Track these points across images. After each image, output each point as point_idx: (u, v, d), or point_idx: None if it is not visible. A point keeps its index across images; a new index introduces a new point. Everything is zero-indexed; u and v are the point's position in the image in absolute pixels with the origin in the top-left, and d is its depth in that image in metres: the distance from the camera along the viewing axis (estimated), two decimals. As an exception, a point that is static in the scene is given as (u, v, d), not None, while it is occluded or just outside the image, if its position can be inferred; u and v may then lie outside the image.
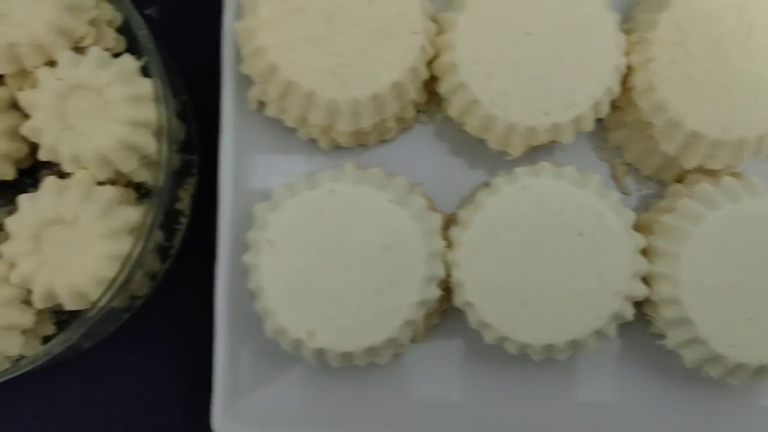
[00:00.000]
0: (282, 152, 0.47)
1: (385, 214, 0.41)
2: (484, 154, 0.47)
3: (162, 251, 0.47)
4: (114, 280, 0.42)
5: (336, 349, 0.41)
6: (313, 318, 0.41)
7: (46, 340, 0.45)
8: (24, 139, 0.45)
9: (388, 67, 0.42)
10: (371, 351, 0.42)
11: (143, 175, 0.46)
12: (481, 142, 0.46)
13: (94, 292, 0.43)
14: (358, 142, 0.46)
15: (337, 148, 0.47)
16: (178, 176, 0.49)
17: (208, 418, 0.45)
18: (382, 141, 0.48)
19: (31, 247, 0.42)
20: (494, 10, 0.43)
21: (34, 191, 0.46)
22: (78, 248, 0.42)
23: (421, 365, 0.47)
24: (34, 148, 0.46)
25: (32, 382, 0.46)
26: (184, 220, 0.50)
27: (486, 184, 0.47)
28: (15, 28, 0.42)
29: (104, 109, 0.42)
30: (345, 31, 0.41)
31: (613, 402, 0.48)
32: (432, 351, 0.47)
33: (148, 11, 0.51)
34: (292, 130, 0.47)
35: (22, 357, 0.44)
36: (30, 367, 0.43)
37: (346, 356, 0.42)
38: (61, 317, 0.47)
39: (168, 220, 0.47)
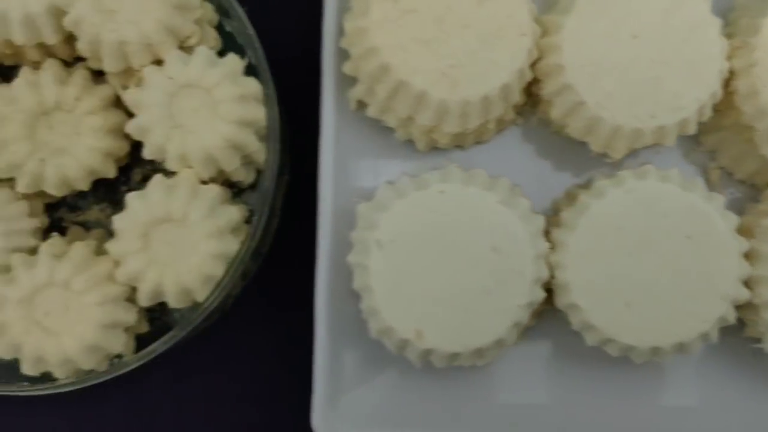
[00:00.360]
0: (378, 153, 0.47)
1: (493, 215, 0.42)
2: (576, 156, 0.47)
3: (255, 250, 0.47)
4: (222, 279, 0.42)
5: (444, 349, 0.41)
6: (422, 318, 0.41)
7: (138, 338, 0.45)
8: (125, 137, 0.45)
9: (497, 68, 0.42)
10: (478, 352, 0.42)
11: (240, 174, 0.46)
12: (572, 144, 0.46)
13: (200, 291, 0.43)
14: (455, 144, 0.46)
15: (433, 149, 0.47)
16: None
17: (301, 419, 0.45)
18: (477, 142, 0.48)
19: (140, 245, 0.42)
20: (601, 13, 0.43)
21: (128, 189, 0.46)
22: (186, 247, 0.42)
23: (515, 367, 0.47)
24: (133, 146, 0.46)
25: (123, 381, 0.46)
26: (274, 220, 0.50)
27: (583, 186, 0.47)
28: (126, 26, 0.42)
29: (212, 109, 0.42)
30: (455, 33, 0.41)
31: (701, 406, 0.47)
32: (525, 353, 0.47)
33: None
34: (389, 131, 0.47)
35: (118, 355, 0.44)
36: (134, 366, 0.43)
37: (453, 357, 0.42)
38: (153, 315, 0.47)
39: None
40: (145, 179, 0.48)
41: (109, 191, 0.49)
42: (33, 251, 0.44)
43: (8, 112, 0.42)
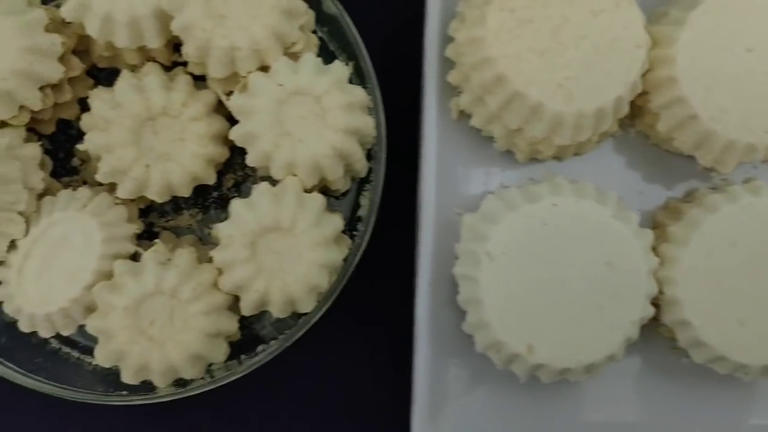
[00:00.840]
0: (477, 163, 0.47)
1: (607, 229, 0.41)
2: (672, 169, 0.47)
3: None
4: (331, 289, 0.42)
5: (555, 365, 0.41)
6: (533, 333, 0.41)
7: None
8: (226, 143, 0.45)
9: (612, 81, 0.41)
10: (589, 368, 0.41)
11: (339, 183, 0.45)
12: (670, 157, 0.46)
13: (305, 301, 0.42)
14: (557, 155, 0.46)
15: (532, 159, 0.47)
16: (359, 183, 0.49)
17: (401, 428, 0.45)
18: (575, 153, 0.47)
19: (248, 253, 0.41)
20: (716, 26, 0.42)
21: (219, 195, 0.46)
22: (292, 256, 0.42)
23: (607, 383, 0.46)
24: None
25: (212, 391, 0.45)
26: (361, 227, 0.49)
27: (686, 200, 0.46)
28: (236, 32, 0.41)
29: (321, 117, 0.42)
30: (571, 44, 0.41)
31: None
32: (617, 369, 0.46)
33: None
34: (487, 141, 0.46)
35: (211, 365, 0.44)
36: (239, 375, 0.42)
37: (563, 372, 0.41)
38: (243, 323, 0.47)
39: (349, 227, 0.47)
40: (236, 185, 0.48)
41: (199, 196, 0.49)
42: (131, 258, 0.44)
43: (114, 117, 0.41)
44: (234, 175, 0.49)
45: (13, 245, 0.43)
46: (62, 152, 0.49)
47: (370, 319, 0.49)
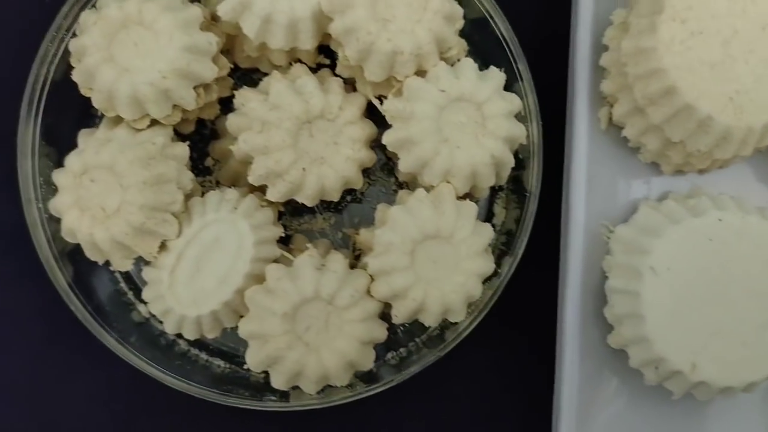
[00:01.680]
0: (620, 174, 0.46)
1: (774, 247, 0.40)
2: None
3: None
4: (486, 300, 0.41)
5: (717, 383, 0.40)
6: (698, 350, 0.40)
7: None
8: (372, 148, 0.44)
9: (783, 95, 0.40)
10: (750, 386, 0.40)
11: (485, 191, 0.45)
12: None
13: (459, 311, 0.42)
14: (700, 169, 0.45)
15: (678, 172, 0.46)
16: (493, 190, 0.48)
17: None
18: (721, 166, 0.46)
19: (408, 261, 0.40)
20: None
21: (352, 199, 0.45)
22: (449, 265, 0.41)
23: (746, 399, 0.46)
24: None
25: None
26: (501, 239, 0.48)
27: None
28: (400, 36, 0.41)
29: (481, 124, 0.41)
30: (741, 57, 0.40)
31: None
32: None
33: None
34: (630, 152, 0.46)
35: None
36: (389, 386, 0.42)
37: (724, 390, 0.41)
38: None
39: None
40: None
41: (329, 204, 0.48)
42: (275, 261, 0.43)
43: (273, 119, 0.41)
44: (369, 178, 0.48)
45: (163, 246, 0.42)
46: (195, 152, 0.48)
47: (511, 332, 0.48)
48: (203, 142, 0.48)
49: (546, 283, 0.46)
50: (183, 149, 0.43)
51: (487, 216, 0.49)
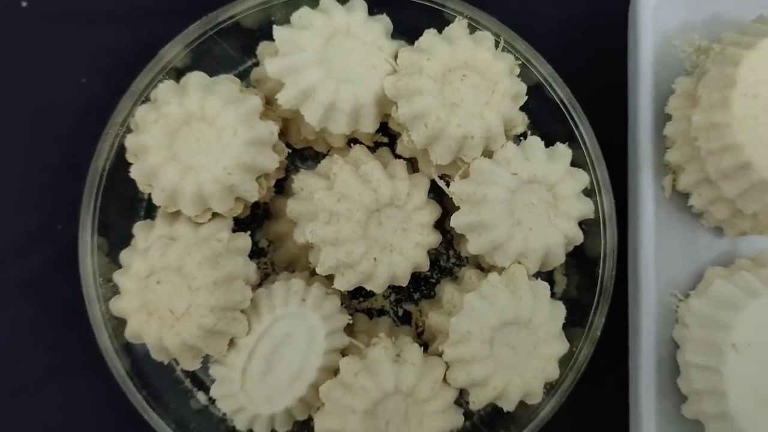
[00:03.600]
0: (686, 240, 0.46)
1: None
2: None
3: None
4: (569, 382, 0.41)
5: (799, 458, 0.40)
6: (783, 425, 0.40)
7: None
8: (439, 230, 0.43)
9: None
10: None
11: (551, 267, 0.44)
12: None
13: (538, 394, 0.41)
14: (762, 230, 0.45)
15: (740, 234, 0.46)
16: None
17: None
18: (779, 229, 0.46)
19: (487, 350, 0.40)
20: None
21: (454, 284, 0.45)
22: (527, 349, 0.40)
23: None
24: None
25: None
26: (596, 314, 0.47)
27: None
28: (470, 120, 0.40)
29: (553, 205, 0.41)
30: (813, 128, 0.40)
31: None
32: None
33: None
34: (693, 217, 0.45)
35: None
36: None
37: (805, 465, 0.40)
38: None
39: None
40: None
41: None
42: (344, 350, 0.42)
43: (343, 210, 0.40)
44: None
45: (232, 343, 0.41)
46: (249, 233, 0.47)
47: (583, 405, 0.48)
48: (256, 222, 0.47)
49: (616, 357, 0.45)
50: (246, 241, 0.42)
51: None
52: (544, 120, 0.46)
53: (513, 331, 0.40)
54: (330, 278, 0.42)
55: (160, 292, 0.39)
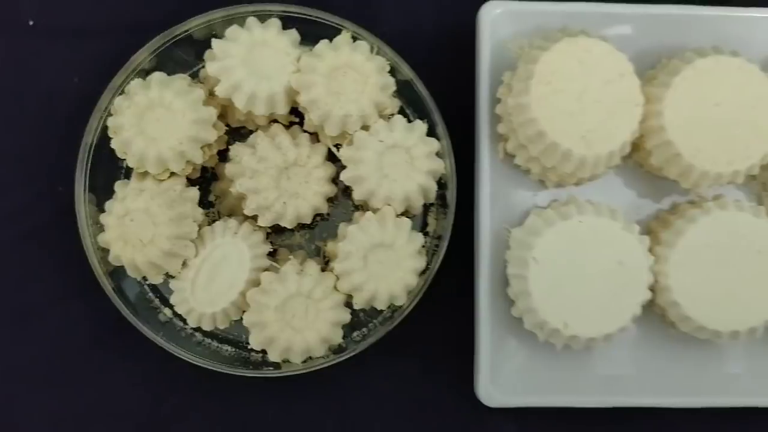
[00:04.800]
0: (517, 190, 0.63)
1: (619, 238, 0.58)
2: (659, 190, 0.63)
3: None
4: (419, 287, 0.58)
5: (583, 336, 0.57)
6: (568, 314, 0.57)
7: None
8: (334, 183, 0.61)
9: (619, 131, 0.57)
10: (607, 337, 0.58)
11: (418, 209, 0.61)
12: (658, 180, 0.62)
13: (402, 297, 0.58)
14: (577, 182, 0.62)
15: (558, 185, 0.63)
16: (427, 206, 0.65)
17: (466, 390, 0.61)
18: (591, 180, 0.64)
19: (362, 264, 0.57)
20: (692, 86, 0.59)
21: (321, 219, 0.62)
22: (392, 264, 0.58)
23: (617, 346, 0.63)
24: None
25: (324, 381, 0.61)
26: (429, 241, 0.65)
27: (671, 212, 0.63)
28: (348, 104, 0.57)
29: (410, 163, 0.58)
30: (590, 106, 0.57)
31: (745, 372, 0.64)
32: (622, 335, 0.63)
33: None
34: (524, 174, 0.63)
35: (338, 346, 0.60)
36: (356, 353, 0.59)
37: (590, 341, 0.58)
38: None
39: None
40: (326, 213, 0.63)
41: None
42: (267, 270, 0.60)
43: (260, 168, 0.57)
44: (332, 203, 0.65)
45: (185, 264, 0.58)
46: (201, 191, 0.64)
47: (442, 309, 0.65)
48: (206, 183, 0.65)
49: (467, 273, 0.63)
50: (195, 193, 0.59)
51: (423, 225, 0.65)
52: (419, 107, 0.63)
53: (381, 251, 0.58)
54: (256, 219, 0.60)
55: (133, 226, 0.57)
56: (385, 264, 0.57)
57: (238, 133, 0.63)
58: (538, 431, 0.66)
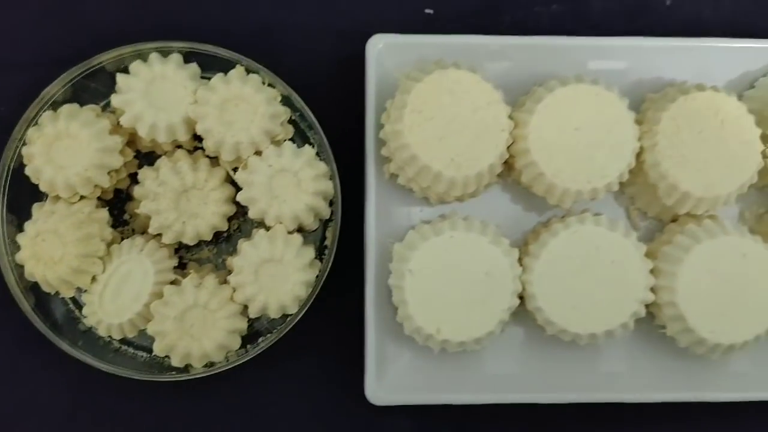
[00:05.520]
0: (403, 207, 0.69)
1: (486, 251, 0.64)
2: (538, 205, 0.70)
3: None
4: (309, 297, 0.64)
5: (455, 340, 0.64)
6: (440, 320, 0.63)
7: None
8: (234, 203, 0.67)
9: (486, 154, 0.64)
10: (477, 341, 0.64)
11: (311, 225, 0.68)
12: (536, 197, 0.69)
13: (292, 306, 0.65)
14: (458, 199, 0.69)
15: (441, 202, 0.69)
16: (325, 222, 0.71)
17: (357, 391, 0.67)
18: (472, 196, 0.70)
19: (253, 277, 0.63)
20: (553, 112, 0.65)
21: (227, 235, 0.68)
22: (282, 277, 0.64)
23: (497, 348, 0.70)
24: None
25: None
26: (326, 254, 0.71)
27: (544, 225, 0.69)
28: (240, 133, 0.63)
29: (298, 185, 0.64)
30: (459, 132, 0.63)
31: (624, 369, 0.70)
32: (504, 339, 0.69)
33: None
34: (409, 192, 0.69)
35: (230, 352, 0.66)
36: (251, 357, 0.65)
37: (460, 344, 0.64)
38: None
39: (320, 253, 0.69)
40: (238, 228, 0.70)
41: (214, 237, 0.70)
42: (173, 283, 0.66)
43: (160, 191, 0.63)
44: (237, 221, 0.71)
45: (94, 279, 0.65)
46: (116, 210, 0.70)
47: (334, 315, 0.72)
48: (121, 202, 0.71)
49: (359, 281, 0.69)
50: (104, 213, 0.65)
51: (323, 239, 0.72)
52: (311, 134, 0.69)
53: (271, 266, 0.64)
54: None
55: (44, 246, 0.63)
56: (276, 277, 0.63)
57: (151, 157, 0.69)
58: (432, 427, 0.72)
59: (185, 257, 0.70)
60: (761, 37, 0.73)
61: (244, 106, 0.63)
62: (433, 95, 0.63)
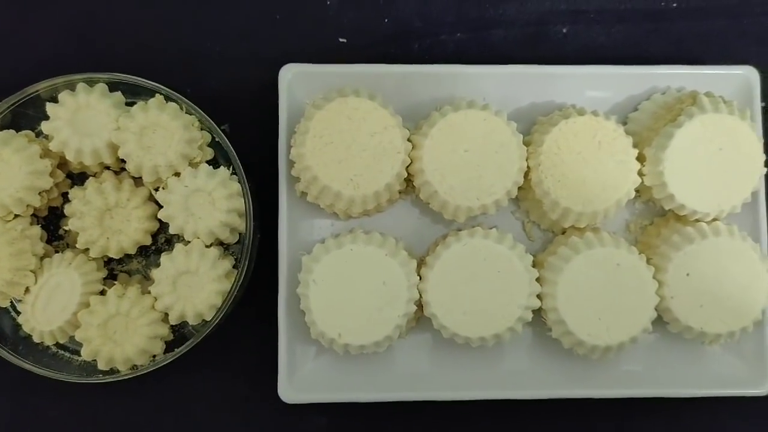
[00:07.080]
0: (314, 222, 0.76)
1: (383, 262, 0.70)
2: (440, 219, 0.77)
3: (240, 286, 0.75)
4: (221, 306, 0.71)
5: (356, 343, 0.70)
6: (341, 326, 0.70)
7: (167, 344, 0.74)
8: (156, 219, 0.73)
9: (383, 175, 0.70)
10: (376, 344, 0.71)
11: (229, 239, 0.74)
12: (438, 213, 0.75)
13: (208, 314, 0.71)
14: (363, 214, 0.75)
15: (349, 217, 0.76)
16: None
17: (271, 390, 0.74)
18: (378, 212, 0.77)
19: (171, 288, 0.70)
20: (445, 135, 0.72)
21: (155, 249, 0.74)
22: (198, 287, 0.70)
23: (405, 351, 0.76)
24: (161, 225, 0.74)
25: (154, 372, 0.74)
26: (251, 266, 0.78)
27: (443, 238, 0.76)
28: (158, 156, 0.70)
29: (212, 204, 0.71)
30: (358, 155, 0.70)
31: (524, 369, 0.77)
32: (411, 342, 0.76)
33: (222, 127, 0.79)
34: (319, 208, 0.76)
35: (154, 356, 0.73)
36: (169, 361, 0.71)
37: (361, 347, 0.71)
38: (175, 328, 0.75)
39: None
40: (167, 242, 0.76)
41: (143, 250, 0.77)
42: (101, 293, 0.72)
43: (85, 210, 0.70)
44: (165, 235, 0.77)
45: (27, 290, 0.71)
46: (52, 226, 0.77)
47: (249, 320, 0.78)
48: (57, 219, 0.77)
49: (273, 290, 0.76)
50: (36, 230, 0.72)
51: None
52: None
53: (188, 277, 0.70)
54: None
55: (-20, 261, 0.69)
56: (192, 287, 0.70)
57: (85, 176, 0.76)
58: (347, 425, 0.78)
59: (116, 269, 0.76)
60: (649, 63, 0.79)
61: (162, 132, 0.69)
62: (333, 121, 0.70)
